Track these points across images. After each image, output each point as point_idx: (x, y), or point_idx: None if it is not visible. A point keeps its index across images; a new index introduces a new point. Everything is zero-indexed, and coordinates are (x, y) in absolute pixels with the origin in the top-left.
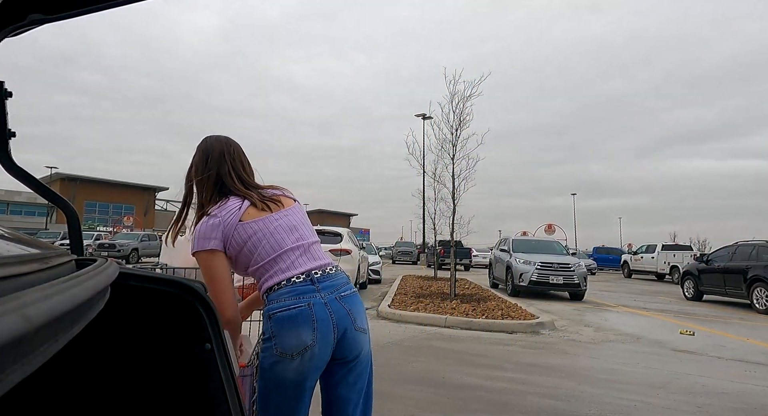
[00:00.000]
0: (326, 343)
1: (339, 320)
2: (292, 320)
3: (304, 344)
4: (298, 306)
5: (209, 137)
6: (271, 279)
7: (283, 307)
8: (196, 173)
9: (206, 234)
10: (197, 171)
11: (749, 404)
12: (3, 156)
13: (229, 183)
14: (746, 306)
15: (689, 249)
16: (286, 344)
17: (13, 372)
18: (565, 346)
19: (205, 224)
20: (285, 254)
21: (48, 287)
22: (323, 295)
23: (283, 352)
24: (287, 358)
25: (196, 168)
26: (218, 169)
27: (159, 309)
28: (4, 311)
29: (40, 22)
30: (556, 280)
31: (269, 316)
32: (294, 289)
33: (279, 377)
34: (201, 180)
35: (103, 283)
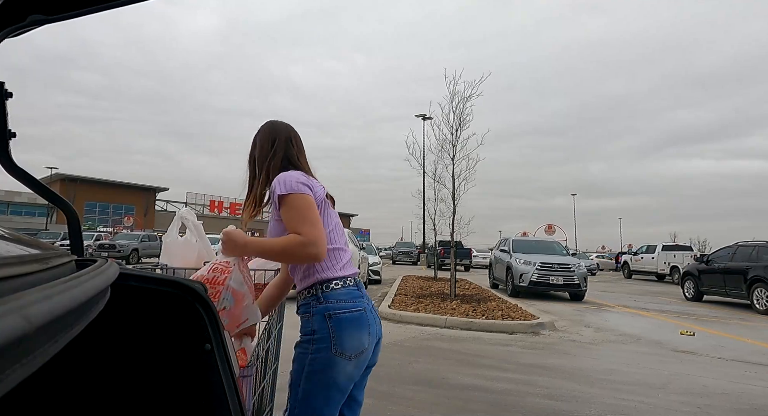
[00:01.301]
0: (373, 349)
1: (378, 327)
2: (355, 322)
3: (362, 347)
4: (357, 309)
5: (275, 121)
6: (328, 272)
7: (344, 309)
8: (261, 153)
9: (302, 181)
10: (262, 151)
11: (749, 404)
12: (3, 156)
13: (300, 165)
14: (746, 307)
15: (689, 250)
16: (347, 345)
17: (14, 373)
18: (565, 347)
19: (298, 176)
20: (344, 252)
21: (48, 287)
22: (367, 302)
23: (342, 353)
24: (344, 359)
25: (261, 148)
26: (285, 152)
27: (159, 310)
28: (4, 311)
29: (41, 23)
30: (557, 281)
31: (329, 315)
32: (350, 292)
33: (331, 378)
34: (267, 160)
35: (104, 284)
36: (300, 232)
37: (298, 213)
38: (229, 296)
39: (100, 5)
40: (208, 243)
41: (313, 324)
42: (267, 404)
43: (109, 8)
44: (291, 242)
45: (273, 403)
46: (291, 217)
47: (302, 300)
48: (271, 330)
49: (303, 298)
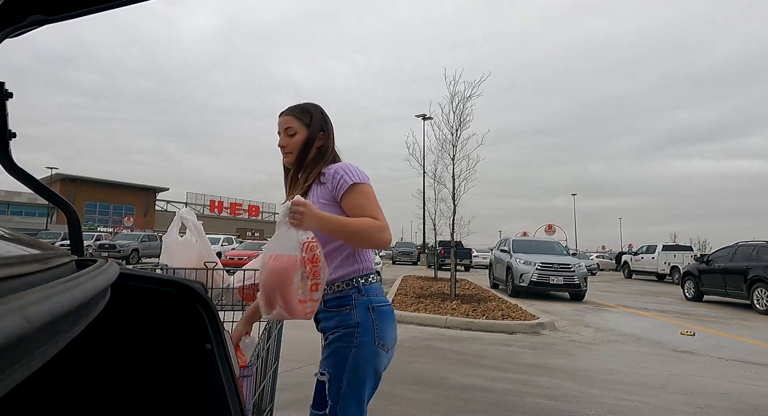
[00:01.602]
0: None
1: None
2: (391, 315)
3: (396, 339)
4: (389, 303)
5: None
6: (367, 264)
7: (383, 302)
8: (315, 134)
9: (366, 174)
10: (317, 132)
11: (749, 404)
12: (3, 156)
13: (339, 160)
14: (746, 307)
15: (689, 250)
16: (387, 337)
17: (14, 373)
18: (565, 347)
19: (360, 169)
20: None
21: (48, 288)
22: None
23: (383, 344)
24: (384, 351)
25: (317, 129)
26: (333, 144)
27: (159, 310)
28: (4, 311)
29: (41, 23)
30: (557, 281)
31: (373, 307)
32: (381, 287)
33: (374, 370)
34: (328, 138)
35: (104, 284)
36: (377, 218)
37: (371, 200)
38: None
39: (100, 5)
40: (208, 244)
41: (356, 317)
42: (267, 404)
43: (109, 8)
44: (372, 225)
45: (273, 403)
46: (364, 204)
47: (337, 293)
48: (271, 330)
49: (339, 290)
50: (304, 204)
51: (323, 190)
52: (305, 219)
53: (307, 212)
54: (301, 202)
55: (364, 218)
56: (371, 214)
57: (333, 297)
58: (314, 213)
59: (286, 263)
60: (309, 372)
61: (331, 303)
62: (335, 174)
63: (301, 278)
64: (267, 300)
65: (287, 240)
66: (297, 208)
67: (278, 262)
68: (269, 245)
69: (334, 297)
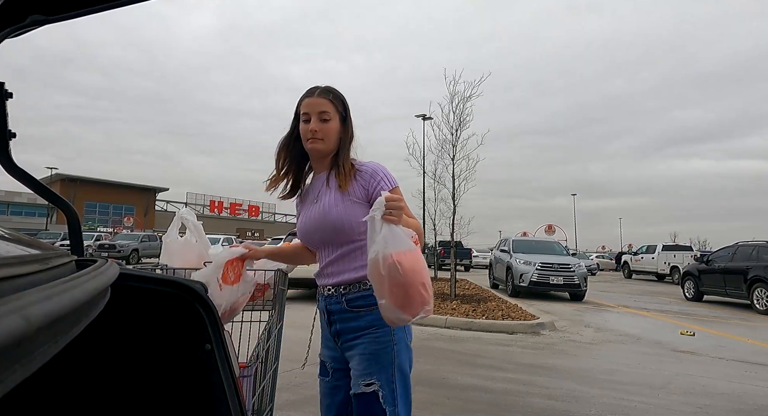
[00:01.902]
0: None
1: None
2: None
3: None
4: None
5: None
6: None
7: None
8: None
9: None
10: (349, 125)
11: (749, 404)
12: (3, 157)
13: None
14: (746, 307)
15: (689, 250)
16: (410, 334)
17: (14, 373)
18: (565, 347)
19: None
20: None
21: (48, 288)
22: None
23: (410, 341)
24: (410, 348)
25: (350, 121)
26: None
27: (159, 310)
28: (4, 312)
29: (41, 23)
30: (557, 281)
31: None
32: None
33: (410, 366)
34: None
35: (104, 284)
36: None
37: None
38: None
39: (100, 5)
40: (207, 244)
41: None
42: (267, 404)
43: (110, 8)
44: (419, 226)
45: (273, 403)
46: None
47: (364, 291)
48: (271, 330)
49: (365, 288)
50: (400, 199)
51: (358, 188)
52: (399, 215)
53: (404, 206)
54: (397, 197)
55: (412, 220)
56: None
57: (359, 296)
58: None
59: (417, 255)
60: (309, 372)
61: (358, 303)
62: (374, 174)
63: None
64: (420, 298)
65: (399, 236)
66: (394, 203)
67: (410, 258)
68: (379, 245)
69: (360, 295)
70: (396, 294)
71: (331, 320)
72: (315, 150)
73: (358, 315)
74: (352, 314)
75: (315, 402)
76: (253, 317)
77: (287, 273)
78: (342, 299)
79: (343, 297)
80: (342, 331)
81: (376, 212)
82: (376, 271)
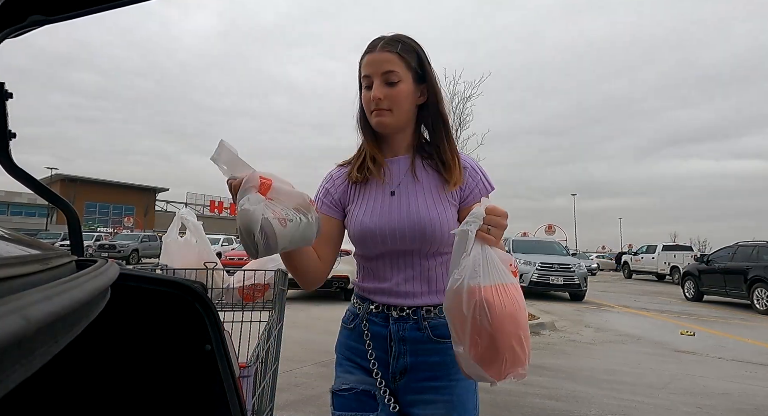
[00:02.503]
0: None
1: None
2: None
3: None
4: None
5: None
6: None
7: None
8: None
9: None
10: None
11: (750, 404)
12: (3, 157)
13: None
14: (747, 307)
15: (689, 250)
16: None
17: (14, 373)
18: (565, 347)
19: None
20: None
21: (48, 288)
22: None
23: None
24: None
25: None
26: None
27: (159, 310)
28: (4, 312)
29: (41, 24)
30: (557, 281)
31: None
32: None
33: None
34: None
35: (104, 284)
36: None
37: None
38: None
39: (100, 5)
40: (207, 244)
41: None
42: (267, 404)
43: (109, 8)
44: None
45: (273, 403)
46: None
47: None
48: (271, 331)
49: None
50: (504, 214)
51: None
52: (503, 234)
53: (506, 225)
54: (502, 211)
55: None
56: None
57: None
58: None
59: (516, 294)
60: (309, 372)
61: (444, 332)
62: (473, 173)
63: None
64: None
65: (494, 263)
66: (497, 219)
67: (506, 297)
68: (466, 271)
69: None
70: (479, 345)
71: (402, 351)
72: (381, 125)
73: (442, 347)
74: (434, 345)
75: (315, 402)
76: (253, 317)
77: (287, 273)
78: (424, 324)
79: (426, 322)
80: (416, 367)
81: (471, 225)
82: (457, 308)
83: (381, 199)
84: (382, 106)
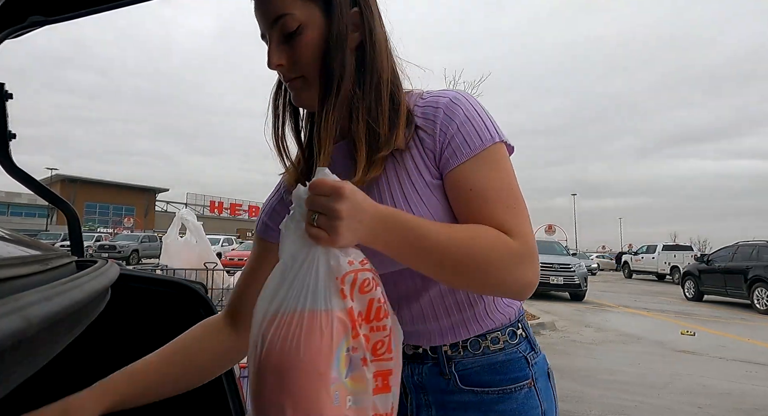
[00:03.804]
0: None
1: None
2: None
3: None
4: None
5: None
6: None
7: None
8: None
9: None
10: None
11: (750, 404)
12: (4, 157)
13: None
14: (747, 307)
15: (690, 250)
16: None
17: (15, 374)
18: (565, 347)
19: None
20: None
21: (48, 288)
22: None
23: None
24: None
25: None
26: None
27: (159, 310)
28: (5, 312)
29: (40, 24)
30: (557, 281)
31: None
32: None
33: None
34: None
35: (104, 285)
36: (512, 228)
37: (511, 185)
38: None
39: (99, 6)
40: (208, 244)
41: (541, 400)
42: None
43: (109, 9)
44: (504, 245)
45: None
46: (498, 192)
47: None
48: None
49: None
50: (336, 188)
51: (421, 153)
52: (343, 225)
53: (347, 207)
54: (328, 188)
55: (486, 228)
56: (506, 217)
57: (484, 365)
58: (363, 206)
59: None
60: None
61: (480, 377)
62: (450, 113)
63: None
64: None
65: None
66: (321, 199)
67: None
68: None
69: (484, 363)
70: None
71: (423, 403)
72: (301, 105)
73: (484, 400)
74: (470, 397)
75: None
76: None
77: None
78: (449, 369)
79: (451, 364)
80: None
81: (288, 219)
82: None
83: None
84: (289, 74)
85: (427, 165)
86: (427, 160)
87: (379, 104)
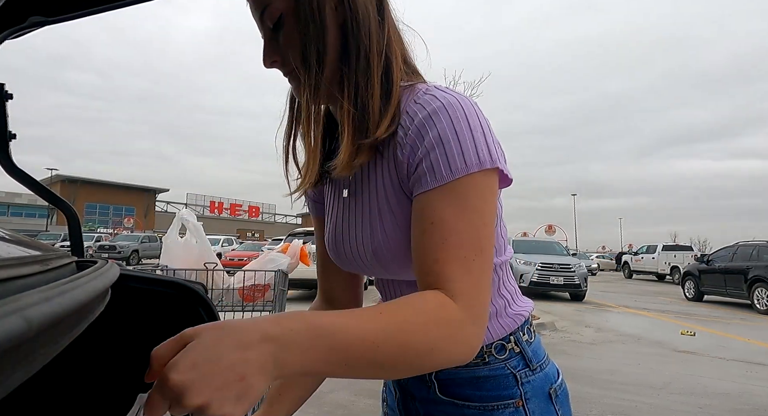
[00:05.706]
0: None
1: None
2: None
3: None
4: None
5: None
6: (519, 301)
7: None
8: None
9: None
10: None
11: (750, 405)
12: (4, 157)
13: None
14: (747, 307)
15: (690, 250)
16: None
17: (14, 375)
18: (565, 347)
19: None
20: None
21: (48, 289)
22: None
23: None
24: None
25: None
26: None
27: (160, 311)
28: (4, 313)
29: (41, 25)
30: (557, 281)
31: (555, 392)
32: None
33: None
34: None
35: (104, 285)
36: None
37: (478, 231)
38: None
39: (99, 6)
40: (208, 244)
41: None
42: None
43: (109, 9)
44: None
45: None
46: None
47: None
48: None
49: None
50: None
51: (391, 166)
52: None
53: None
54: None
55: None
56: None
57: (479, 378)
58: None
59: None
60: None
61: (463, 390)
62: (424, 130)
63: None
64: None
65: None
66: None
67: None
68: None
69: (480, 375)
70: None
71: (414, 410)
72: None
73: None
74: (453, 410)
75: (315, 403)
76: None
77: (287, 273)
78: (429, 376)
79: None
80: None
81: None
82: None
83: (336, 205)
84: (283, 69)
85: (401, 177)
86: (399, 171)
87: (368, 78)
